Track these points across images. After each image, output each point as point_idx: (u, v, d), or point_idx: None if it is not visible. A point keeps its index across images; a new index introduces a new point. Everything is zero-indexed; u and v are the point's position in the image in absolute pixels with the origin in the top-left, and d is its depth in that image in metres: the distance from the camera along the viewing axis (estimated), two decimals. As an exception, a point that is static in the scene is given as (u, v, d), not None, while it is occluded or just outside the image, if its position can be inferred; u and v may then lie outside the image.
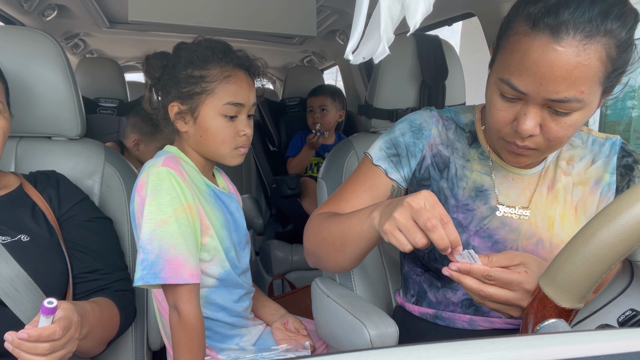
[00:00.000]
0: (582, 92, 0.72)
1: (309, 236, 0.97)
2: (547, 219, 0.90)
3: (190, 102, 1.01)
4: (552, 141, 0.78)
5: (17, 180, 1.02)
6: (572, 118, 0.75)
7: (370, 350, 0.40)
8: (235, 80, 1.01)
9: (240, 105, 1.02)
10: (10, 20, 1.87)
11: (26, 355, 0.71)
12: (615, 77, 0.75)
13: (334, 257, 0.90)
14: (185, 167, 1.02)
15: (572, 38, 0.69)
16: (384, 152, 0.98)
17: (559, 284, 0.60)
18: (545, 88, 0.72)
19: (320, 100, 2.29)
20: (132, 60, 3.21)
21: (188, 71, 1.01)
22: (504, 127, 0.81)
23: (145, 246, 0.93)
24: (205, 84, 1.00)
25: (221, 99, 1.00)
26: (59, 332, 0.72)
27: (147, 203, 0.94)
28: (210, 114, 1.01)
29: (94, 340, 0.91)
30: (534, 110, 0.75)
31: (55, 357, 0.74)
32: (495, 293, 0.72)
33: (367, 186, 0.97)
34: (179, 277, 0.92)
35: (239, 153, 1.06)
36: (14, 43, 1.10)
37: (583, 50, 0.70)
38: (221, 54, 1.02)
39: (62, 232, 0.99)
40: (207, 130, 1.02)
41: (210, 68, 1.01)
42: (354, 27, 0.55)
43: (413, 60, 1.31)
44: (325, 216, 0.94)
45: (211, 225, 1.02)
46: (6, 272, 0.87)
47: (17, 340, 0.70)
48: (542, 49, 0.71)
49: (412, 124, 0.99)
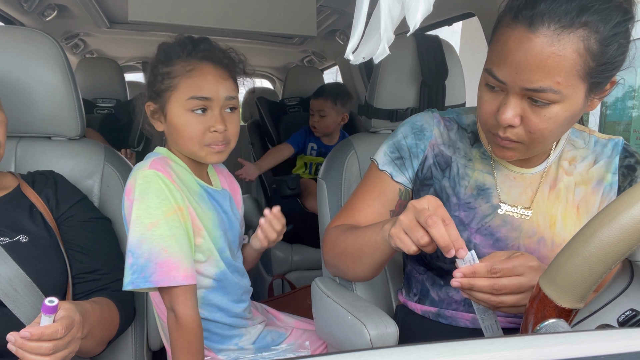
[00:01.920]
0: (557, 82, 0.73)
1: (327, 250, 1.00)
2: (549, 218, 0.90)
3: (160, 100, 1.00)
4: (533, 134, 0.79)
5: (15, 181, 1.02)
6: (551, 111, 0.76)
7: (370, 350, 0.40)
8: (199, 74, 0.98)
9: (206, 99, 0.97)
10: (10, 20, 1.87)
11: (29, 356, 0.71)
12: (602, 74, 0.75)
13: (353, 269, 0.95)
14: (175, 167, 1.01)
15: (547, 28, 0.72)
16: (388, 156, 1.00)
17: (559, 284, 0.60)
18: (520, 77, 0.74)
19: (319, 104, 2.22)
20: (132, 60, 3.21)
21: (157, 69, 1.00)
22: (489, 118, 0.83)
23: (135, 250, 0.92)
24: (169, 80, 0.98)
25: (184, 93, 0.97)
26: (61, 331, 0.72)
27: (135, 207, 0.93)
28: (176, 111, 0.98)
29: (94, 340, 0.90)
30: (514, 101, 0.78)
31: (58, 357, 0.73)
32: (508, 282, 0.74)
33: (376, 193, 1.00)
34: (171, 279, 0.91)
35: (212, 150, 1.00)
36: (14, 43, 1.10)
37: (557, 41, 0.71)
38: (190, 47, 0.99)
39: (61, 232, 0.99)
40: (175, 128, 1.00)
41: (175, 63, 0.98)
42: (354, 27, 0.55)
43: (413, 60, 1.31)
44: (341, 230, 0.97)
45: (203, 226, 1.01)
46: (5, 273, 0.87)
47: (20, 340, 0.70)
48: (519, 38, 0.74)
49: (414, 125, 1.01)
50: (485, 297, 0.75)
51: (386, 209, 0.99)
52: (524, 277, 0.74)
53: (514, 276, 0.74)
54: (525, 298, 0.75)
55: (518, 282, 0.74)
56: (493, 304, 0.76)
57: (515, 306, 0.76)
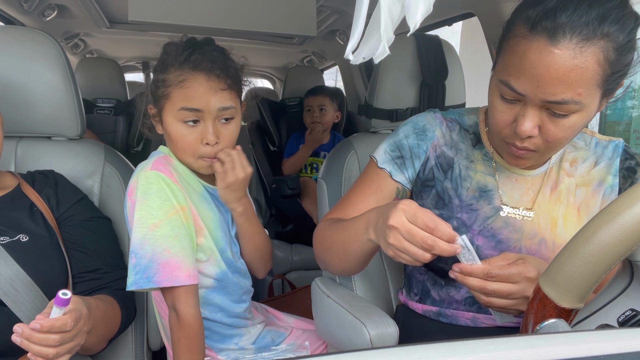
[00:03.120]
0: (579, 94, 0.72)
1: (317, 242, 1.00)
2: (550, 220, 0.90)
3: (158, 105, 1.00)
4: (551, 142, 0.79)
5: (15, 181, 1.02)
6: (570, 120, 0.76)
7: (370, 350, 0.40)
8: (190, 85, 0.95)
9: (197, 111, 0.95)
10: (10, 20, 1.87)
11: (36, 347, 0.71)
12: (615, 80, 0.75)
13: (339, 263, 0.94)
14: (177, 167, 1.01)
15: (569, 41, 0.70)
16: (388, 154, 1.00)
17: (559, 284, 0.60)
18: (542, 90, 0.73)
19: (319, 100, 2.30)
20: (132, 60, 3.21)
21: (156, 74, 1.00)
22: (504, 128, 0.82)
23: (137, 251, 0.92)
24: (164, 88, 0.97)
25: (175, 104, 0.96)
26: (70, 324, 0.72)
27: (137, 208, 0.93)
28: (169, 119, 0.98)
29: (97, 336, 0.91)
30: (533, 112, 0.76)
31: (64, 349, 0.74)
32: (499, 288, 0.75)
33: (372, 189, 0.99)
34: (174, 279, 0.92)
35: (205, 164, 0.99)
36: (14, 43, 1.10)
37: (580, 53, 0.70)
38: (185, 55, 0.96)
39: (61, 231, 0.99)
40: (169, 136, 1.00)
41: (170, 72, 0.97)
42: (354, 27, 0.55)
43: (413, 60, 1.31)
44: (330, 222, 0.97)
45: (204, 226, 1.01)
46: (6, 272, 0.87)
47: (28, 332, 0.70)
48: (540, 51, 0.72)
49: (416, 126, 1.00)
50: (476, 294, 0.78)
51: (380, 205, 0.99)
52: (517, 285, 0.75)
53: (507, 283, 0.75)
54: (515, 304, 0.77)
55: (509, 289, 0.75)
56: (482, 302, 0.78)
57: (504, 308, 0.78)
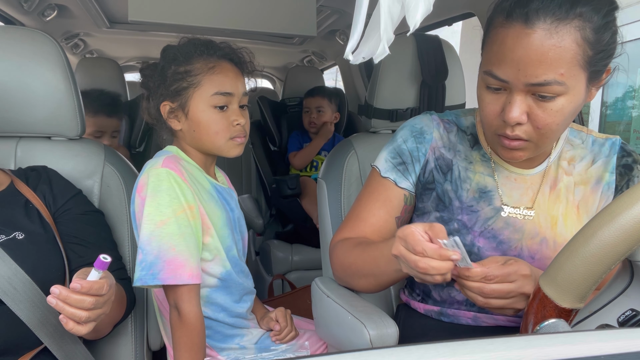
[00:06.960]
0: (561, 74, 0.74)
1: (336, 264, 1.00)
2: (550, 218, 0.91)
3: (180, 98, 1.02)
4: (542, 129, 0.79)
5: (8, 178, 1.02)
6: (557, 103, 0.77)
7: (370, 350, 0.40)
8: (220, 70, 1.02)
9: (229, 95, 1.02)
10: (10, 20, 1.87)
11: (70, 309, 0.71)
12: (599, 62, 0.77)
13: (368, 287, 0.96)
14: (186, 166, 1.02)
15: (543, 22, 0.73)
16: (390, 162, 0.99)
17: (559, 284, 0.60)
18: (524, 73, 0.75)
19: (317, 101, 2.31)
20: (132, 60, 3.21)
21: (173, 69, 1.01)
22: (493, 119, 0.83)
23: (144, 247, 0.93)
24: (191, 77, 1.01)
25: (208, 90, 1.01)
26: (106, 288, 0.73)
27: (146, 204, 0.95)
28: (199, 107, 1.01)
29: (109, 316, 0.91)
30: (519, 98, 0.78)
31: (95, 314, 0.74)
32: (498, 288, 0.76)
33: (380, 202, 0.99)
34: (178, 277, 0.93)
35: (235, 143, 1.05)
36: (14, 43, 1.10)
37: (555, 33, 0.73)
38: (203, 47, 1.03)
39: (58, 226, 0.99)
40: (199, 124, 1.02)
41: (194, 62, 1.02)
42: (354, 27, 0.55)
43: (413, 60, 1.31)
44: (349, 246, 0.96)
45: (212, 225, 1.02)
46: (3, 271, 0.87)
47: (65, 293, 0.70)
48: (517, 35, 0.74)
49: (413, 129, 1.00)
50: (474, 296, 0.78)
51: (391, 217, 0.98)
52: (514, 284, 0.76)
53: (505, 282, 0.76)
54: (512, 303, 0.77)
55: (508, 288, 0.76)
56: (480, 304, 0.78)
57: (503, 309, 0.78)
